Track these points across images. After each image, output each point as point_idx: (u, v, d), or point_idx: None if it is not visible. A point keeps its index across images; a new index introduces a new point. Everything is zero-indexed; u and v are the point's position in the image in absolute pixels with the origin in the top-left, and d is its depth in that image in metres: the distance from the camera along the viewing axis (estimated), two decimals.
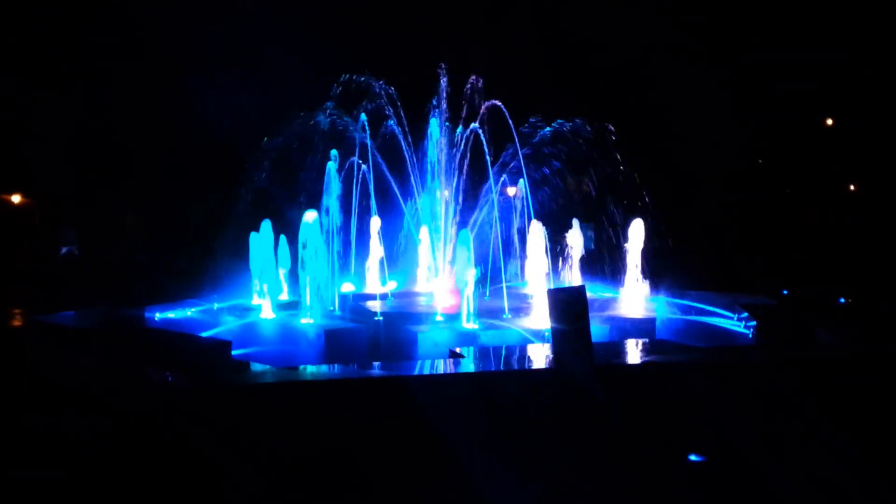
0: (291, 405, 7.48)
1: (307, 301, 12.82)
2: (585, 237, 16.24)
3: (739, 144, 31.25)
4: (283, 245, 14.25)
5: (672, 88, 29.50)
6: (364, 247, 15.97)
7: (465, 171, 17.08)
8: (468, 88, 17.34)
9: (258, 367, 8.38)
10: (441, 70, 17.21)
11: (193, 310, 13.44)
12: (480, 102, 17.00)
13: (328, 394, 7.76)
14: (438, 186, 16.96)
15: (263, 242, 14.34)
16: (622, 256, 15.16)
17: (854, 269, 19.50)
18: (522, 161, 16.21)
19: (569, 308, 8.71)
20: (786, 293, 14.90)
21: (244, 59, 27.59)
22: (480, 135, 16.28)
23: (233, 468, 6.67)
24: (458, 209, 17.04)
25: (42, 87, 27.51)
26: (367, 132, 15.79)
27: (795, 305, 13.81)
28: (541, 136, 17.00)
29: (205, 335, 11.06)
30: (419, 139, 17.11)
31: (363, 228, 15.95)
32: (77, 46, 27.87)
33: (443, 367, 9.06)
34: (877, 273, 19.13)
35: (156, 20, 26.64)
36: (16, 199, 31.71)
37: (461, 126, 16.96)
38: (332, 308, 13.80)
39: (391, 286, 15.63)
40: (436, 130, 16.97)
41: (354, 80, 16.83)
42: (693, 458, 7.44)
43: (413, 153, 17.06)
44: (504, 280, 15.57)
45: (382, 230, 15.96)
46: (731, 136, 30.54)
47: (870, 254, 22.89)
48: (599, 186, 18.59)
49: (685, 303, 14.23)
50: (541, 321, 11.90)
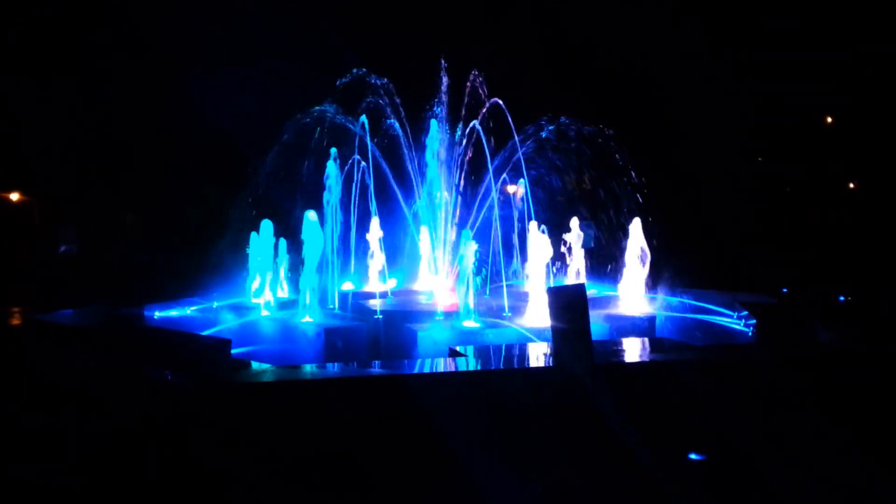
0: (291, 404, 7.46)
1: (307, 299, 12.83)
2: (586, 235, 16.21)
3: (739, 144, 31.27)
4: (283, 244, 14.26)
5: (672, 88, 29.50)
6: (364, 245, 15.96)
7: (466, 170, 17.06)
8: (468, 85, 17.32)
9: (258, 366, 8.36)
10: (441, 69, 17.20)
11: (193, 308, 13.45)
12: (481, 99, 16.99)
13: (328, 392, 7.75)
14: (438, 186, 16.95)
15: (263, 241, 14.36)
16: (622, 255, 15.15)
17: (854, 269, 19.49)
18: (523, 160, 16.20)
19: (569, 306, 8.70)
20: (786, 292, 14.89)
21: (244, 59, 27.60)
22: (481, 133, 16.26)
23: (232, 467, 6.67)
24: (458, 208, 17.03)
25: (42, 86, 27.50)
26: (367, 132, 15.78)
27: (795, 304, 13.80)
28: (541, 136, 16.97)
29: (205, 334, 11.06)
30: (419, 138, 17.10)
31: (363, 227, 15.94)
32: (77, 46, 27.85)
33: (443, 366, 9.03)
34: (877, 273, 19.13)
35: (156, 20, 26.66)
36: (14, 198, 31.67)
37: (461, 124, 16.96)
38: (332, 306, 13.81)
39: (391, 284, 15.63)
40: (435, 130, 16.96)
41: (354, 80, 16.82)
42: (693, 457, 7.44)
43: (413, 152, 17.06)
44: (504, 279, 15.56)
45: (383, 228, 15.96)
46: (732, 136, 30.56)
47: (870, 253, 22.89)
48: (599, 185, 18.57)
49: (685, 301, 14.23)
50: (541, 320, 11.91)
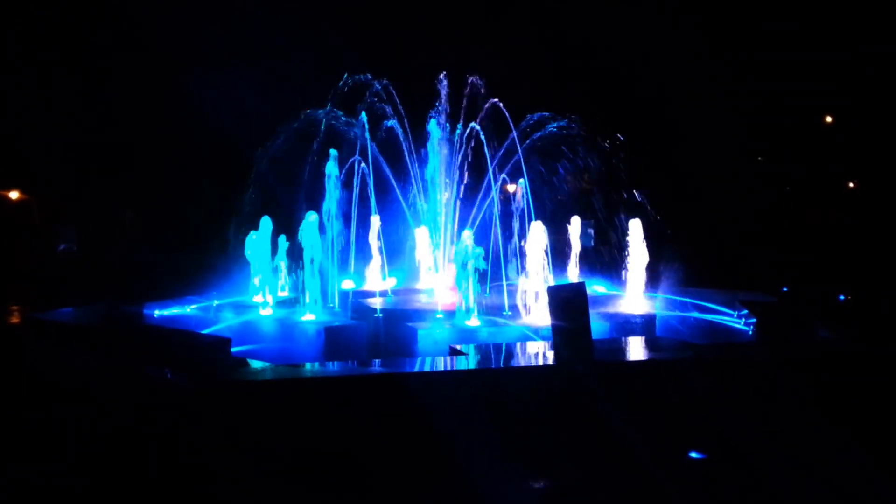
0: (291, 403, 7.45)
1: (307, 298, 12.83)
2: (585, 235, 16.21)
3: (739, 143, 31.26)
4: (283, 242, 14.26)
5: (672, 88, 29.50)
6: (364, 244, 15.96)
7: (466, 170, 17.06)
8: (467, 88, 17.32)
9: (258, 365, 8.37)
10: (441, 69, 17.22)
11: (193, 307, 13.45)
12: (480, 101, 16.99)
13: (328, 391, 7.74)
14: (438, 186, 16.95)
15: (263, 240, 14.35)
16: (622, 253, 15.14)
17: (854, 269, 19.49)
18: (523, 160, 16.19)
19: (569, 305, 8.71)
20: (786, 291, 14.89)
21: (244, 59, 27.60)
22: (480, 134, 16.26)
23: (232, 466, 6.66)
24: (459, 208, 17.02)
25: (42, 86, 27.49)
26: (367, 132, 15.77)
27: (795, 303, 13.79)
28: (541, 135, 16.97)
29: (205, 332, 11.06)
30: (419, 138, 17.10)
31: (363, 226, 15.93)
32: (77, 45, 27.85)
33: (443, 364, 9.04)
34: (877, 272, 19.12)
35: (155, 19, 26.66)
36: (14, 196, 31.65)
37: (461, 124, 16.95)
38: (332, 305, 13.81)
39: (391, 283, 15.62)
40: (436, 130, 16.95)
41: (355, 80, 16.81)
42: (693, 456, 7.44)
43: (413, 152, 17.05)
44: (504, 277, 15.55)
45: (383, 227, 15.95)
46: (732, 135, 30.55)
47: (870, 253, 22.89)
48: (599, 184, 18.57)
49: (685, 300, 14.23)
50: (541, 318, 11.91)
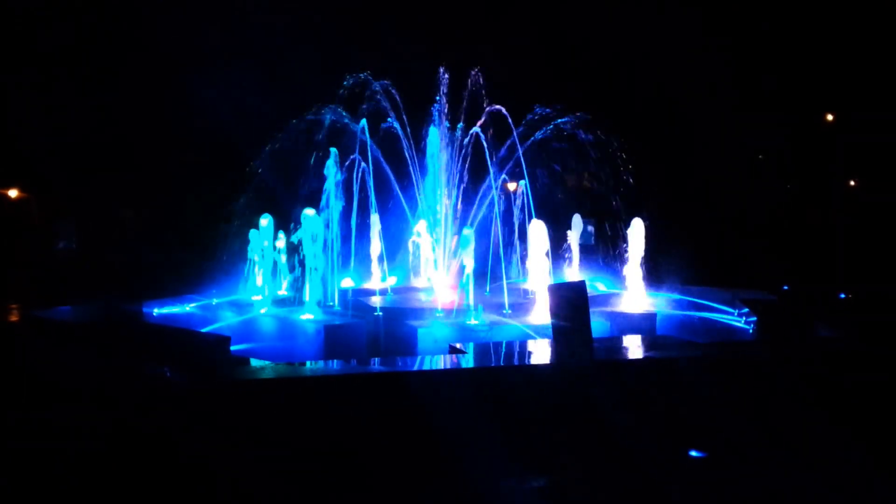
0: (291, 401, 7.44)
1: (307, 296, 12.81)
2: (586, 233, 16.19)
3: (740, 142, 31.24)
4: (283, 241, 14.24)
5: (672, 88, 29.47)
6: (364, 243, 15.95)
7: (467, 170, 17.03)
8: (469, 84, 17.28)
9: (257, 363, 8.35)
10: (441, 68, 17.18)
11: (192, 305, 13.44)
12: (481, 100, 16.96)
13: (328, 389, 7.72)
14: (439, 186, 16.93)
15: (263, 238, 14.34)
16: (623, 252, 15.13)
17: (854, 268, 19.47)
18: (523, 159, 16.18)
19: (569, 303, 8.69)
20: (786, 289, 14.87)
21: (244, 58, 27.56)
22: (481, 136, 16.24)
23: (232, 465, 6.64)
24: (459, 207, 17.00)
25: (42, 84, 27.44)
26: (367, 131, 15.75)
27: (796, 301, 13.78)
28: (541, 134, 16.95)
29: (204, 330, 11.05)
30: (419, 137, 17.08)
31: (363, 224, 15.92)
32: (77, 44, 27.80)
33: (443, 363, 9.02)
34: (877, 272, 19.10)
35: (156, 18, 26.63)
36: (13, 194, 31.60)
37: (461, 123, 16.92)
38: (332, 304, 13.79)
39: (391, 282, 15.61)
40: (435, 130, 16.94)
41: (355, 80, 16.79)
42: (694, 454, 7.43)
43: (413, 151, 17.03)
44: (504, 276, 15.54)
45: (383, 226, 15.94)
46: (732, 135, 30.53)
47: (870, 253, 22.87)
48: (600, 182, 18.55)
49: (686, 298, 14.21)
50: (541, 317, 11.89)
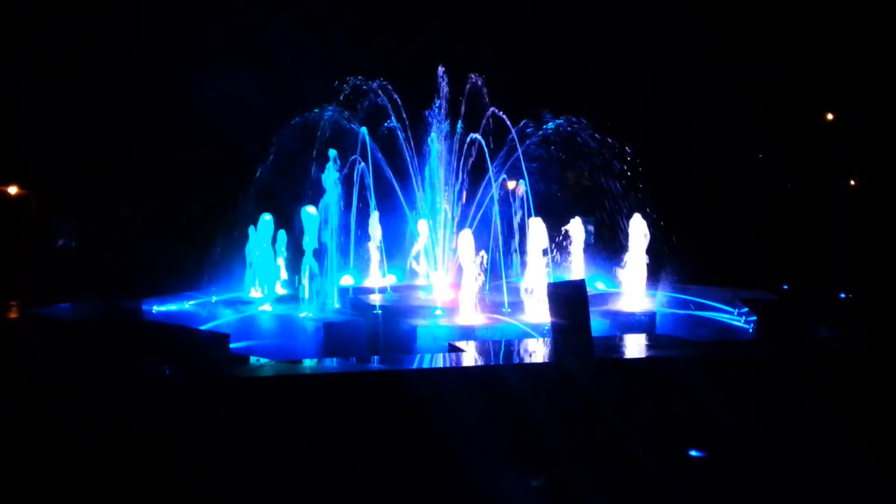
0: (290, 399, 7.44)
1: (306, 294, 12.80)
2: (585, 232, 16.16)
3: (740, 142, 31.22)
4: (282, 239, 14.23)
5: (672, 87, 29.44)
6: (364, 241, 15.94)
7: (466, 171, 17.01)
8: (468, 88, 17.27)
9: (257, 361, 8.35)
10: (441, 69, 17.17)
11: (191, 303, 13.43)
12: (481, 100, 16.94)
13: (327, 387, 7.72)
14: (438, 186, 16.93)
15: (262, 236, 14.32)
16: (622, 251, 15.12)
17: (854, 269, 19.48)
18: (523, 159, 16.17)
19: (568, 302, 8.70)
20: (786, 289, 14.87)
21: (244, 58, 27.56)
22: (482, 142, 16.23)
23: (230, 462, 6.64)
24: (459, 207, 16.99)
25: (41, 83, 27.42)
26: (366, 131, 15.75)
27: (796, 301, 13.78)
28: (541, 133, 16.94)
29: (203, 328, 11.05)
30: (419, 137, 17.07)
31: (363, 223, 15.91)
32: (77, 42, 27.78)
33: (442, 361, 9.01)
34: (877, 272, 19.11)
35: (156, 18, 26.62)
36: (13, 191, 31.58)
37: (461, 123, 16.90)
38: (332, 301, 13.78)
39: (391, 280, 15.60)
40: (435, 130, 16.93)
41: (355, 80, 16.79)
42: (693, 454, 7.42)
43: (413, 151, 17.02)
44: (504, 275, 15.53)
45: (383, 225, 15.93)
46: (732, 134, 30.51)
47: (870, 253, 22.87)
48: (599, 182, 18.53)
49: (686, 297, 14.20)
50: (540, 315, 11.87)
